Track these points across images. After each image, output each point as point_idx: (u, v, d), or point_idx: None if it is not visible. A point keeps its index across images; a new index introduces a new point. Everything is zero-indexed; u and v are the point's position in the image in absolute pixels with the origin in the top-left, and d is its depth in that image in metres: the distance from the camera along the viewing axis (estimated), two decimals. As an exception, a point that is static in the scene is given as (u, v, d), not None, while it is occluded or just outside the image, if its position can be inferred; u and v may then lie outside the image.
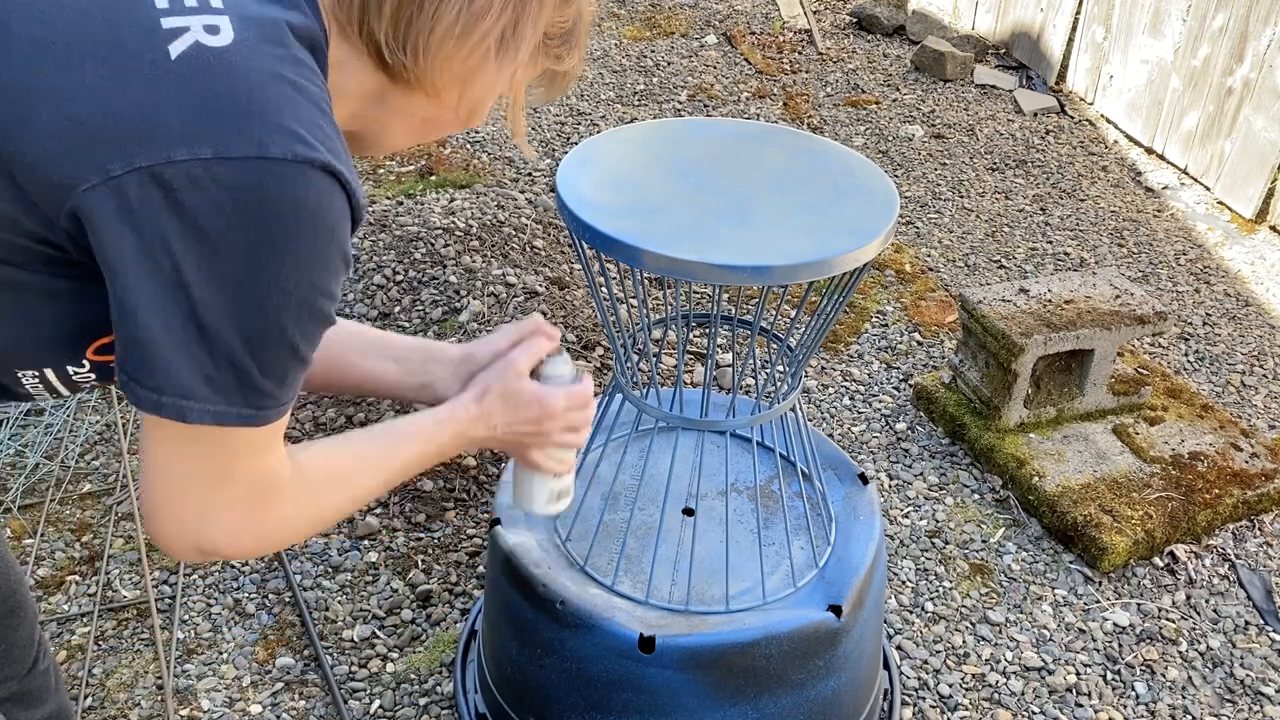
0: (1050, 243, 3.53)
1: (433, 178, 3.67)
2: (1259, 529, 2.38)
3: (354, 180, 0.82)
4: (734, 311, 1.65)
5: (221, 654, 1.98)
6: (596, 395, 1.39)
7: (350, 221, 0.83)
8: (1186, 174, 3.99)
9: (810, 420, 2.62)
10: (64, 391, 0.92)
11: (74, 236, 0.76)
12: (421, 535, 2.24)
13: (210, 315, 0.77)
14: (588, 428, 1.19)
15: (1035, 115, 4.41)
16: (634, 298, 2.99)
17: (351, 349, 1.18)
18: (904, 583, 2.21)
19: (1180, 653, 2.09)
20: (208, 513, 0.86)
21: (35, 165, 0.74)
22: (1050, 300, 2.50)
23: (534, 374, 1.16)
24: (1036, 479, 2.36)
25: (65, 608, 2.05)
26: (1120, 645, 2.10)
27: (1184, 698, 2.00)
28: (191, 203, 0.73)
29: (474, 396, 1.12)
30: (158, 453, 0.84)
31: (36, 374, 0.88)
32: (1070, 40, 4.56)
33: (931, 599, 2.17)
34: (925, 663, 2.03)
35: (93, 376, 0.90)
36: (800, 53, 4.92)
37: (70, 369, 0.88)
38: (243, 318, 0.78)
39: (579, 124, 4.15)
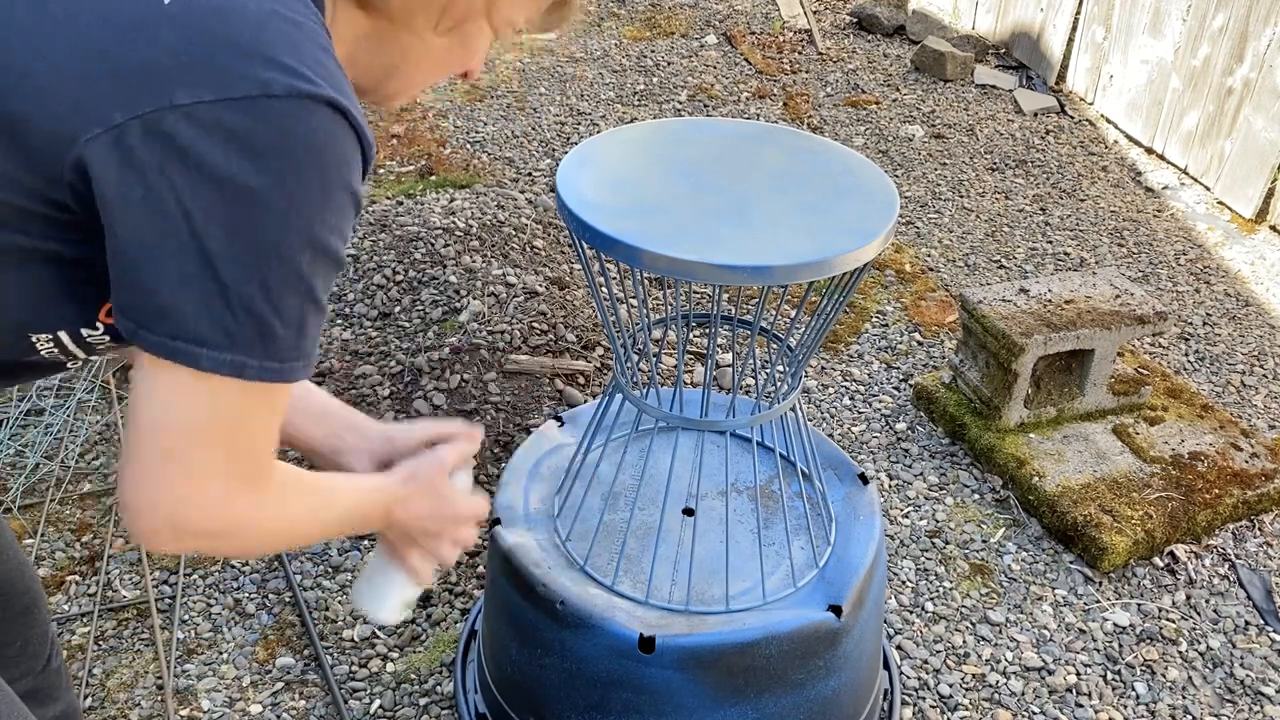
0: (1050, 243, 3.53)
1: (433, 178, 3.67)
2: (1259, 529, 2.38)
3: (360, 116, 0.80)
4: (734, 311, 1.65)
5: (221, 654, 1.98)
6: (597, 396, 1.39)
7: (361, 159, 0.81)
8: (1186, 174, 3.99)
9: (810, 420, 2.62)
10: (79, 354, 0.90)
11: (79, 191, 0.75)
12: (421, 535, 2.24)
13: (224, 263, 0.74)
14: (467, 547, 1.18)
15: (1035, 115, 4.41)
16: (634, 298, 2.99)
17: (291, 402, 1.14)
18: (904, 583, 2.21)
19: (1180, 653, 2.09)
20: (192, 476, 0.80)
21: (36, 120, 0.73)
22: (1050, 300, 2.50)
23: None
24: (1036, 479, 2.36)
25: (65, 608, 2.05)
26: (1120, 645, 2.10)
27: (1184, 698, 2.00)
28: (197, 147, 0.72)
29: (401, 479, 1.09)
30: (154, 403, 0.78)
31: (50, 337, 0.87)
32: (1070, 40, 4.56)
33: (931, 599, 2.17)
34: (925, 663, 2.03)
35: (106, 338, 0.88)
36: (800, 53, 4.92)
37: (84, 331, 0.87)
38: (258, 263, 0.76)
39: (579, 124, 4.15)
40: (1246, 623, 2.16)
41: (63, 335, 0.87)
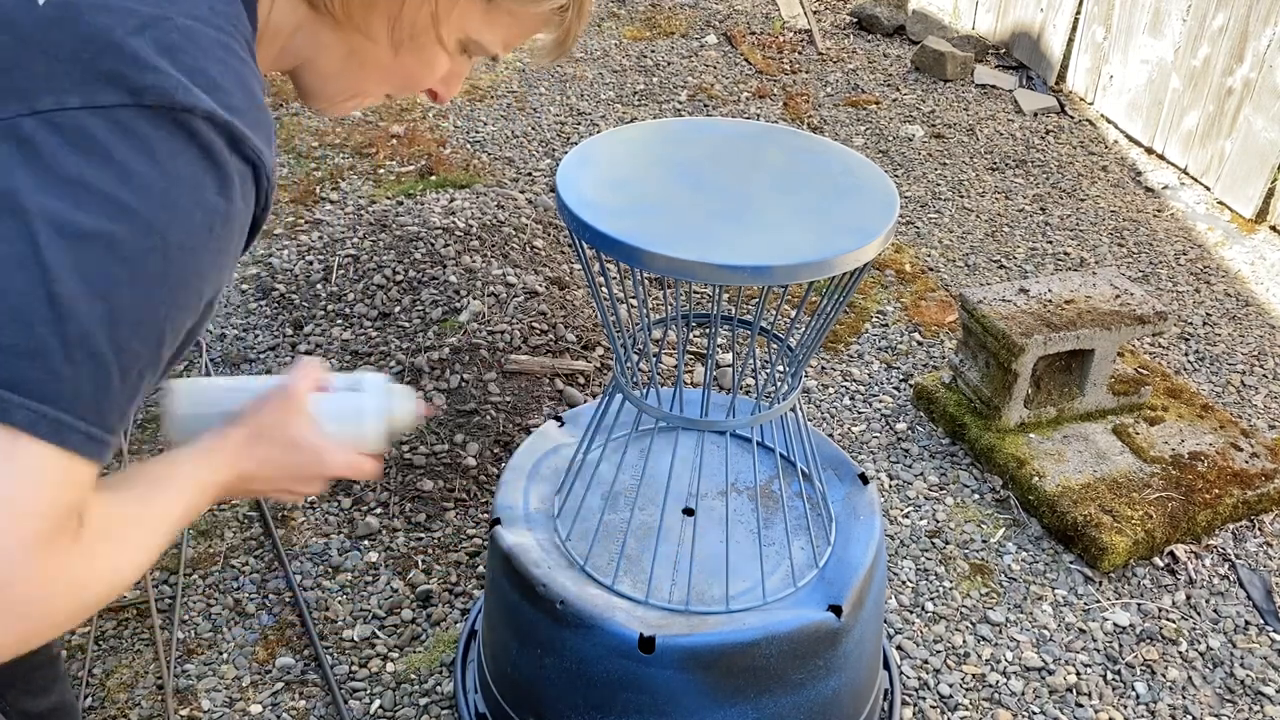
0: (1050, 243, 3.53)
1: (433, 178, 3.67)
2: (1259, 529, 2.38)
3: (255, 135, 0.72)
4: (734, 311, 1.65)
5: (221, 654, 1.98)
6: (597, 395, 1.38)
7: (253, 186, 0.73)
8: (1186, 174, 3.99)
9: (810, 420, 2.62)
10: None
11: None
12: (421, 535, 2.24)
13: (65, 282, 0.63)
14: (365, 476, 1.01)
15: (1035, 115, 4.41)
16: (634, 298, 2.99)
17: None
18: (904, 583, 2.21)
19: (1180, 653, 2.09)
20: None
21: None
22: (1050, 300, 2.50)
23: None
24: (1036, 479, 2.36)
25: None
26: (1120, 645, 2.10)
27: (1184, 698, 2.00)
28: (52, 155, 0.64)
29: (244, 434, 0.93)
30: None
31: None
32: (1070, 40, 4.56)
33: (931, 599, 2.17)
34: (925, 663, 2.03)
35: None
36: (800, 53, 4.92)
37: None
38: (108, 290, 0.65)
39: (579, 124, 4.15)
40: (1246, 623, 2.16)
41: None
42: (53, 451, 0.64)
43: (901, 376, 2.84)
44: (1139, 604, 2.19)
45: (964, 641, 2.09)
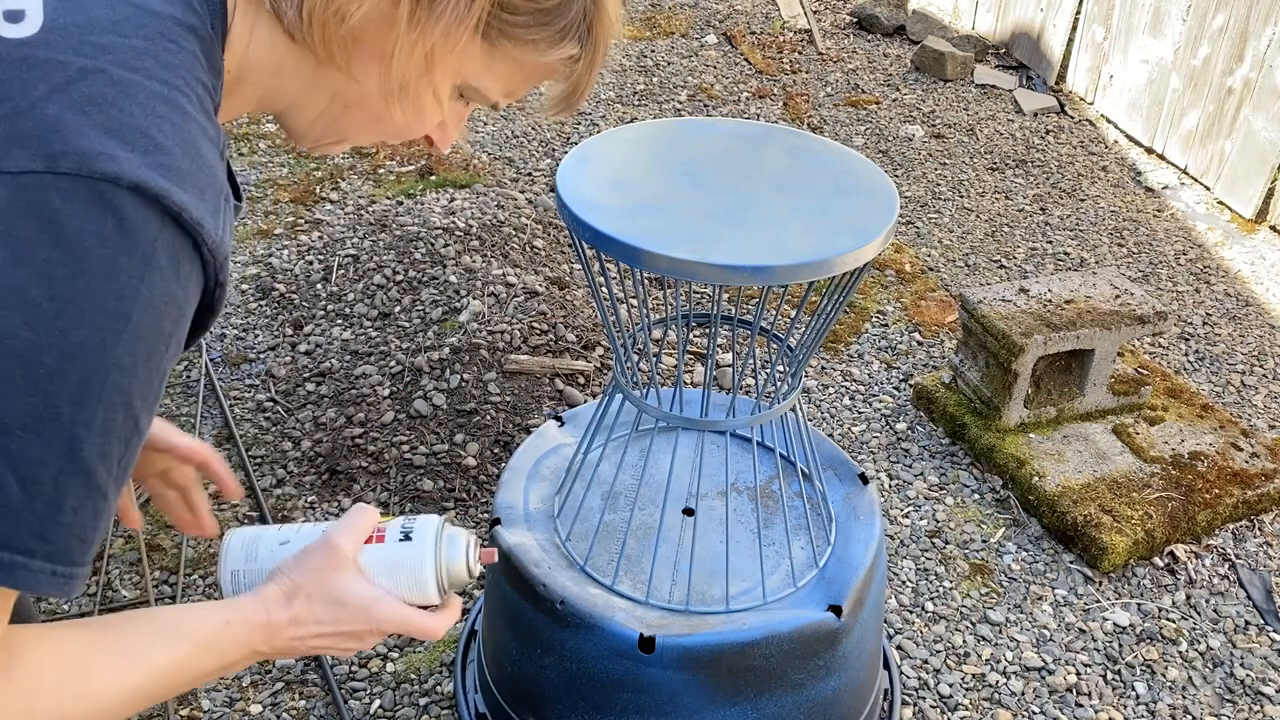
0: (1050, 243, 3.53)
1: (433, 178, 3.67)
2: (1259, 529, 2.38)
3: (196, 204, 0.63)
4: (734, 311, 1.65)
5: (221, 654, 1.98)
6: (597, 395, 1.38)
7: (196, 261, 0.64)
8: (1186, 174, 3.99)
9: (810, 420, 2.62)
10: None
11: None
12: (421, 535, 2.24)
13: None
14: (430, 635, 0.93)
15: (1035, 115, 4.41)
16: (634, 298, 2.99)
17: None
18: (904, 583, 2.21)
19: (1180, 653, 2.09)
20: None
21: None
22: (1050, 300, 2.50)
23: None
24: (1036, 479, 2.36)
25: (65, 607, 2.05)
26: (1120, 645, 2.10)
27: (1184, 698, 2.00)
28: None
29: (285, 595, 0.86)
30: None
31: None
32: (1070, 40, 4.56)
33: (931, 599, 2.17)
34: (925, 662, 2.03)
35: None
36: (800, 53, 4.92)
37: None
38: (4, 394, 0.58)
39: (579, 124, 4.15)
40: (1246, 623, 2.16)
41: None
42: None
43: (901, 376, 2.84)
44: (1139, 604, 2.19)
45: (964, 641, 2.09)
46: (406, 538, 0.94)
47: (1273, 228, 3.64)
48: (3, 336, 0.58)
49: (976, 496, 2.44)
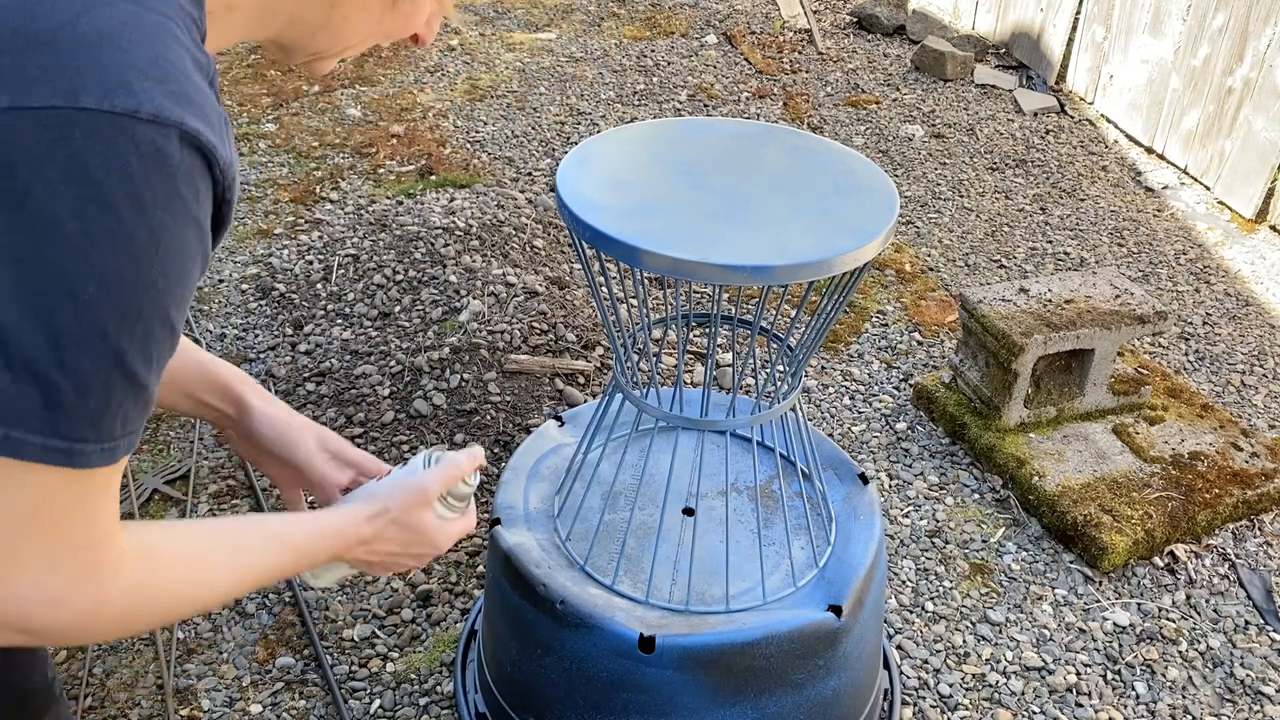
0: (1050, 242, 3.53)
1: (433, 177, 3.67)
2: (1259, 529, 2.38)
3: (206, 128, 0.67)
4: (734, 311, 1.65)
5: (221, 654, 1.98)
6: (597, 395, 1.38)
7: (208, 180, 0.68)
8: (1186, 174, 3.99)
9: (810, 420, 2.62)
10: None
11: None
12: (421, 535, 2.24)
13: (6, 309, 0.62)
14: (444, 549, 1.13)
15: (1035, 115, 4.41)
16: (634, 298, 2.99)
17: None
18: (904, 582, 2.21)
19: (1180, 653, 2.09)
20: (18, 571, 0.68)
21: None
22: (1050, 300, 2.50)
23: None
24: (1036, 479, 2.36)
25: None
26: (1120, 645, 2.10)
27: (1184, 698, 2.00)
28: None
29: (369, 516, 1.02)
30: None
31: None
32: (1070, 40, 4.56)
33: (931, 599, 2.17)
34: (925, 662, 2.03)
35: None
36: (800, 53, 4.92)
37: None
38: (45, 310, 0.62)
39: (579, 124, 4.15)
40: (1246, 622, 2.16)
41: None
42: (17, 466, 0.65)
43: (901, 376, 2.84)
44: (1139, 604, 2.19)
45: (964, 641, 2.09)
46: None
47: (1273, 227, 3.64)
48: (47, 267, 0.62)
49: (976, 496, 2.44)
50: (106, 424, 0.67)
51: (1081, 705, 1.97)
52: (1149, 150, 4.16)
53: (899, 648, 2.06)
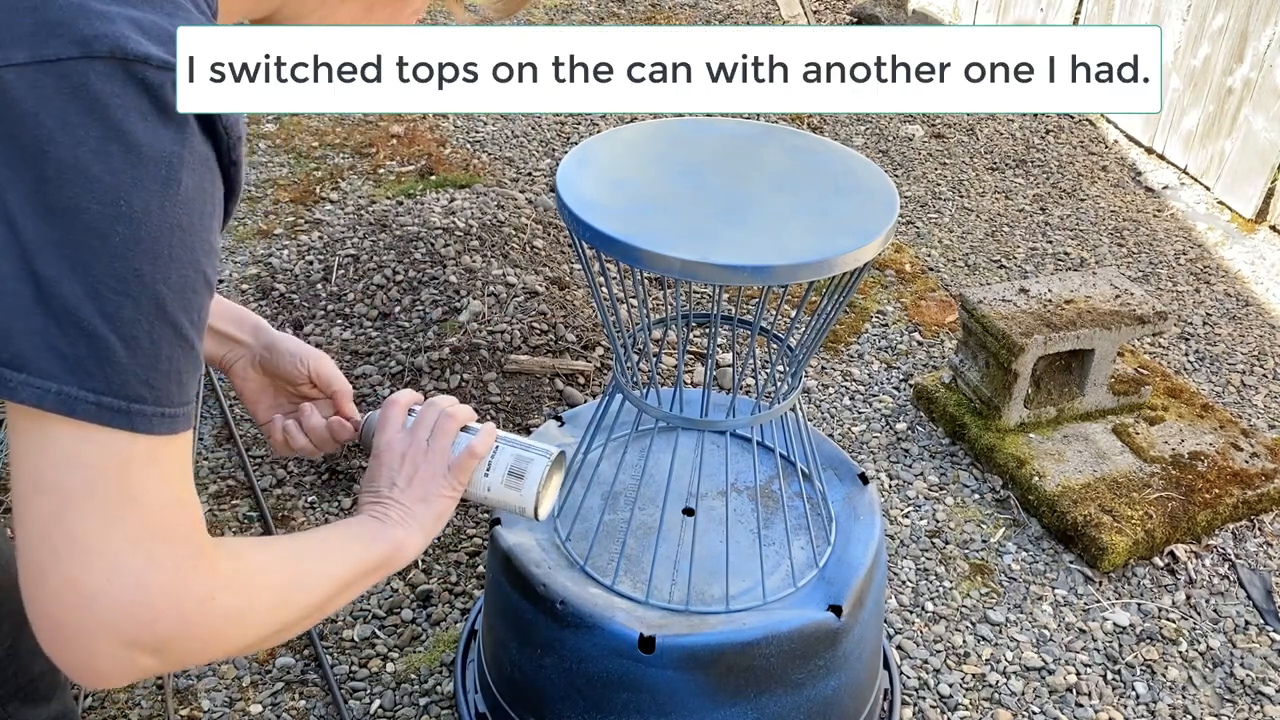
0: (1050, 242, 3.53)
1: (433, 177, 3.67)
2: (1259, 529, 2.38)
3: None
4: (734, 311, 1.65)
5: (221, 654, 1.98)
6: (597, 395, 1.38)
7: (210, 131, 0.70)
8: (1186, 174, 3.99)
9: (810, 420, 2.62)
10: None
11: None
12: (421, 535, 2.24)
13: (44, 260, 0.62)
14: (454, 410, 1.08)
15: (1035, 115, 4.41)
16: (634, 298, 2.99)
17: None
18: (904, 583, 2.21)
19: (1180, 653, 2.09)
20: (119, 565, 0.64)
21: None
22: (1050, 300, 2.50)
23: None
24: (1036, 479, 2.36)
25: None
26: (1120, 645, 2.10)
27: (1184, 698, 2.00)
28: (7, 118, 0.62)
29: (365, 481, 1.03)
30: (19, 478, 0.64)
31: None
32: (1070, 40, 4.56)
33: (931, 599, 2.17)
34: (925, 662, 2.03)
35: None
36: (800, 53, 4.91)
37: None
38: (81, 259, 0.63)
39: (579, 124, 4.15)
40: (1246, 623, 2.16)
41: None
42: (84, 429, 0.64)
43: (901, 376, 2.84)
44: (1139, 604, 2.19)
45: (964, 641, 2.09)
46: (518, 476, 1.13)
47: (1273, 227, 3.64)
48: (77, 213, 0.63)
49: (976, 496, 2.44)
50: (161, 381, 0.66)
51: (1081, 705, 1.97)
52: (1149, 150, 4.16)
53: (899, 648, 2.06)
